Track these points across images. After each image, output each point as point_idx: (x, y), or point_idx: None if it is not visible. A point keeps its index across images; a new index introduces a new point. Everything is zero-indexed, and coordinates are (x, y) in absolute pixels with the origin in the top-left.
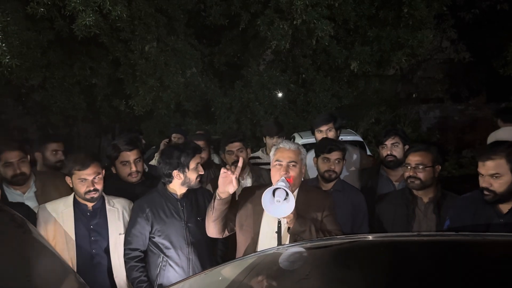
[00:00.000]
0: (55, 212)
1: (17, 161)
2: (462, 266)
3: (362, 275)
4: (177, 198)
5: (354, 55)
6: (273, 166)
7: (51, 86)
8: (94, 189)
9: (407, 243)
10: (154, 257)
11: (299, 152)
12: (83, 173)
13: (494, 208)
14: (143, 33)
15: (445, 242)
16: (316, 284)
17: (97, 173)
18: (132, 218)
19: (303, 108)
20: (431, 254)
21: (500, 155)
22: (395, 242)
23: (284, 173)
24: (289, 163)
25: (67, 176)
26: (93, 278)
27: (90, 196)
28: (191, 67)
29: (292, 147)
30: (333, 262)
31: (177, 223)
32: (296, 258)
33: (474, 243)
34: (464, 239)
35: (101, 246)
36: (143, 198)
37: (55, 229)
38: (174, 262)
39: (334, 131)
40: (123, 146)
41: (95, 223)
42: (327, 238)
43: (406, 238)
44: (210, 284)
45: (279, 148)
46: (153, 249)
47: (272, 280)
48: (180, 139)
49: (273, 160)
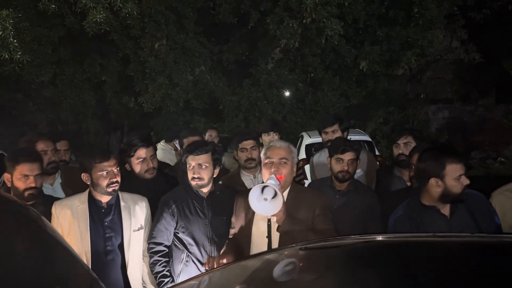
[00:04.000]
0: (69, 208)
1: (51, 150)
2: (478, 268)
3: (377, 277)
4: (203, 196)
5: (363, 54)
6: (264, 164)
7: (61, 82)
8: (116, 181)
9: (423, 244)
10: (178, 252)
11: (290, 150)
12: (105, 165)
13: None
14: (153, 30)
15: (461, 243)
16: (333, 284)
17: (116, 164)
18: (158, 213)
19: (311, 107)
20: (446, 255)
21: None
22: (410, 243)
23: (275, 170)
24: (281, 160)
25: (84, 173)
26: (107, 274)
27: (112, 189)
28: (200, 65)
29: (283, 145)
30: (353, 262)
31: (200, 221)
32: (316, 257)
33: (491, 245)
34: (480, 241)
35: (115, 243)
36: (169, 193)
37: (70, 225)
38: (197, 259)
39: (340, 132)
40: (140, 143)
41: (109, 219)
42: (346, 237)
43: (421, 239)
44: (228, 279)
45: (270, 147)
46: (178, 244)
47: (287, 277)
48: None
49: (264, 158)
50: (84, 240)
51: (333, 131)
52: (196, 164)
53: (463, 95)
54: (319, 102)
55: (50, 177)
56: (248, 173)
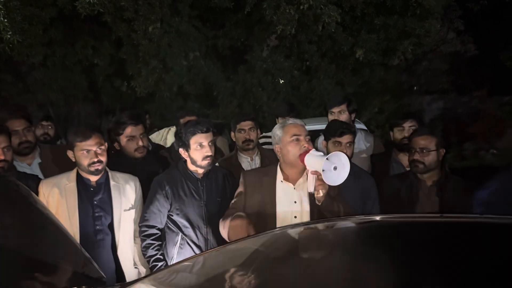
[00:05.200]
0: (57, 186)
1: (23, 129)
2: (488, 249)
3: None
4: (198, 177)
5: (360, 42)
6: (290, 141)
7: (52, 64)
8: (98, 161)
9: (430, 224)
10: (172, 235)
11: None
12: (86, 144)
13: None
14: (147, 13)
15: (470, 224)
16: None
17: (99, 143)
18: (151, 194)
19: (306, 95)
20: (455, 236)
21: None
22: (418, 223)
23: (308, 146)
24: (306, 137)
25: (69, 150)
26: (97, 254)
27: (95, 168)
28: (194, 50)
29: (302, 123)
30: (355, 241)
31: (196, 203)
32: (316, 235)
33: (502, 226)
34: (491, 222)
35: (104, 222)
36: (162, 174)
37: (58, 204)
38: (192, 241)
39: (348, 114)
40: (129, 121)
41: (99, 198)
42: (342, 218)
43: (429, 219)
44: (224, 261)
45: (291, 124)
46: (172, 227)
47: (279, 259)
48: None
49: (288, 135)
50: (72, 219)
51: (340, 111)
52: (208, 142)
53: (458, 87)
54: (315, 90)
55: (28, 157)
56: (246, 155)
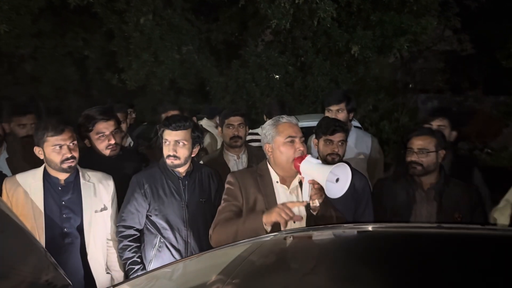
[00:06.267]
0: (22, 185)
1: None
2: (491, 264)
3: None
4: (179, 176)
5: (355, 39)
6: (284, 143)
7: (42, 56)
8: (72, 157)
9: (427, 236)
10: (150, 237)
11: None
12: (58, 139)
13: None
14: (138, 4)
15: (471, 236)
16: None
17: (72, 138)
18: (129, 193)
19: (300, 91)
20: (454, 250)
21: None
22: (412, 234)
23: (303, 149)
24: (301, 139)
25: (36, 146)
26: (64, 259)
27: (68, 165)
28: (187, 44)
29: (296, 121)
30: (345, 251)
31: (176, 203)
32: (300, 244)
33: (505, 238)
34: (493, 234)
35: (73, 224)
36: (142, 172)
37: (23, 204)
38: (171, 244)
39: (346, 112)
40: (99, 116)
41: (68, 199)
42: (332, 226)
43: (425, 230)
44: (205, 268)
45: (286, 123)
46: (150, 228)
47: (267, 266)
48: None
49: (283, 136)
50: (38, 221)
51: (339, 109)
52: (173, 141)
53: (453, 85)
54: (309, 87)
55: None
56: (232, 153)
